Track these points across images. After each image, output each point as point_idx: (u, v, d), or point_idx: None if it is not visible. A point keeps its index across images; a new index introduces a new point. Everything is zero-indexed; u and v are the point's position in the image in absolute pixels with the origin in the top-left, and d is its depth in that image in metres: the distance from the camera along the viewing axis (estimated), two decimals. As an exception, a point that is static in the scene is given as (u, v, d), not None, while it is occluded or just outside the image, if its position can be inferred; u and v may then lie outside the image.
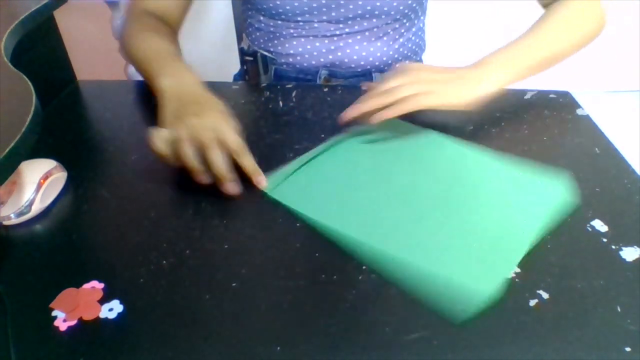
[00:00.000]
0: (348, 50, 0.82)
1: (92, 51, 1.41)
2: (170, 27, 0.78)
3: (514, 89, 0.74)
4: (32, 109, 0.46)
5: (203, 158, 0.54)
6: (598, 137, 0.65)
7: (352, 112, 0.63)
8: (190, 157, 0.53)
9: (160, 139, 0.55)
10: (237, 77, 1.02)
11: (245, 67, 0.91)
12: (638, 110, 1.97)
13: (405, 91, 0.61)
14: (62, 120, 0.73)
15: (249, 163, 0.56)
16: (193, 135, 0.54)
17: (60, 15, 0.77)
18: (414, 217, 0.52)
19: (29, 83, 0.50)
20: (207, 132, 0.54)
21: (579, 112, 0.70)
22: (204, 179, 0.54)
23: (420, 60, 0.94)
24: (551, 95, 0.74)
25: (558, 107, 0.71)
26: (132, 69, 1.39)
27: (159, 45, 0.71)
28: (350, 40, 0.82)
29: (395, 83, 0.62)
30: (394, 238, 0.50)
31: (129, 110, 0.75)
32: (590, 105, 0.75)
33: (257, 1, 0.81)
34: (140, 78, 0.86)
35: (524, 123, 0.68)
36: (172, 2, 0.79)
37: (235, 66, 1.00)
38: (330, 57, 0.83)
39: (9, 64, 0.54)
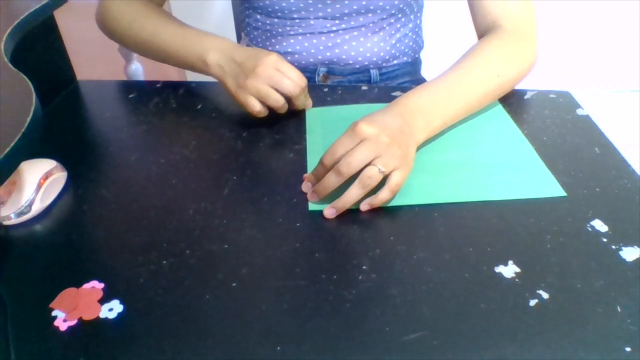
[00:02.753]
0: (345, 47, 0.83)
1: (92, 51, 1.40)
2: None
3: (514, 89, 0.74)
4: (32, 109, 0.46)
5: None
6: (598, 137, 0.65)
7: (316, 196, 0.55)
8: (283, 106, 0.67)
9: (255, 103, 0.65)
10: None
11: None
12: (638, 110, 1.97)
13: (377, 176, 0.51)
14: (62, 120, 0.73)
15: (298, 103, 0.68)
16: (276, 86, 0.64)
17: (60, 15, 0.77)
18: (453, 169, 0.60)
19: (29, 83, 0.50)
20: (288, 81, 0.64)
21: (579, 112, 0.70)
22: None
23: (419, 59, 0.94)
24: (551, 95, 0.74)
25: (558, 107, 0.71)
26: (132, 69, 1.39)
27: (174, 24, 0.72)
28: (347, 37, 0.82)
29: (357, 160, 0.51)
30: (460, 188, 0.57)
31: (129, 110, 0.75)
32: (590, 105, 0.74)
33: (253, 1, 0.81)
34: (140, 78, 0.86)
35: (524, 123, 0.68)
36: None
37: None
38: (328, 54, 0.83)
39: (9, 64, 0.54)
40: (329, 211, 0.53)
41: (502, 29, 0.70)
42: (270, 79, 0.64)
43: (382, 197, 0.52)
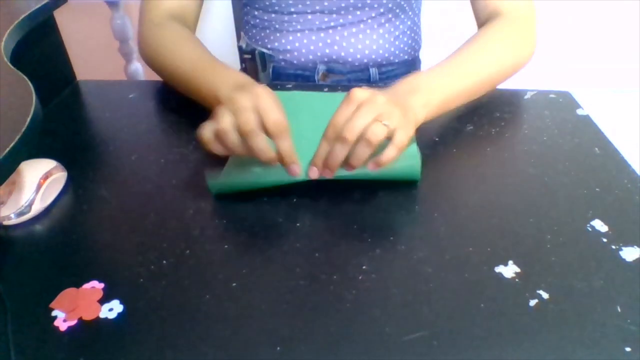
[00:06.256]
0: (344, 44, 0.83)
1: (92, 51, 1.41)
2: (189, 27, 0.78)
3: (514, 89, 0.74)
4: (32, 109, 0.46)
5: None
6: (598, 137, 0.65)
7: (324, 169, 0.53)
8: (236, 147, 0.51)
9: (206, 131, 0.52)
10: None
11: (244, 65, 0.92)
12: (638, 110, 1.97)
13: (382, 130, 0.51)
14: (62, 120, 0.73)
15: (284, 148, 0.51)
16: (236, 120, 0.51)
17: (60, 15, 0.77)
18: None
19: (29, 83, 0.50)
20: (248, 115, 0.50)
21: (579, 112, 0.70)
22: (273, 161, 0.52)
23: (418, 58, 0.94)
24: (551, 95, 0.74)
25: (558, 107, 0.71)
26: (132, 69, 1.39)
27: (197, 54, 0.69)
28: (345, 33, 0.83)
29: (359, 123, 0.51)
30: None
31: (129, 110, 0.75)
32: (590, 105, 0.75)
33: None
34: (140, 78, 0.86)
35: (524, 123, 0.68)
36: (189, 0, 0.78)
37: (235, 66, 1.00)
38: (327, 50, 0.84)
39: (9, 64, 0.54)
40: (346, 171, 0.53)
41: (502, 17, 0.72)
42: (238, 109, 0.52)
43: (388, 153, 0.52)
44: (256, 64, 0.88)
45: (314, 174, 0.53)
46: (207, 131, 0.52)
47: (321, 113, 0.64)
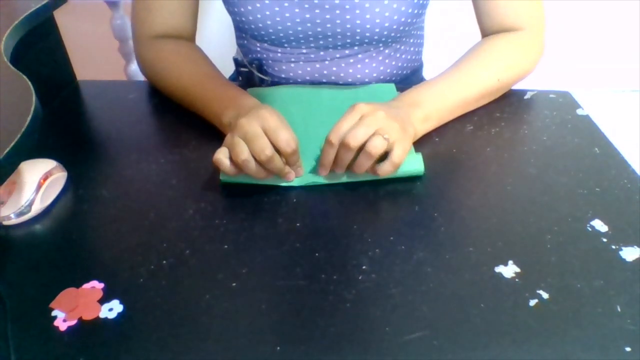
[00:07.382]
0: (342, 74, 0.79)
1: (92, 51, 1.41)
2: (188, 40, 0.77)
3: (514, 89, 0.74)
4: (32, 109, 0.46)
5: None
6: (598, 137, 0.65)
7: (326, 170, 0.57)
8: (258, 172, 0.54)
9: (224, 161, 0.54)
10: (232, 79, 1.01)
11: (240, 78, 0.89)
12: (638, 110, 1.97)
13: (382, 143, 0.54)
14: (62, 120, 0.73)
15: (294, 162, 0.56)
16: (250, 147, 0.53)
17: (60, 15, 0.77)
18: None
19: (29, 83, 0.50)
20: (262, 142, 0.53)
21: (578, 112, 0.70)
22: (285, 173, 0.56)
23: (420, 64, 0.92)
24: (551, 95, 0.74)
25: (558, 107, 0.71)
26: (132, 69, 1.39)
27: (196, 75, 0.70)
28: (342, 64, 0.78)
29: (361, 132, 0.54)
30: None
31: (129, 110, 0.75)
32: (590, 105, 0.75)
33: (242, 27, 0.78)
34: (140, 78, 0.86)
35: (524, 123, 0.68)
36: (181, 17, 0.76)
37: (232, 67, 0.99)
38: (324, 80, 0.80)
39: (9, 64, 0.54)
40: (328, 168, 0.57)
41: (510, 30, 0.71)
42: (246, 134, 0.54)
43: (384, 169, 0.55)
44: (253, 79, 0.84)
45: (324, 173, 0.58)
46: (225, 162, 0.54)
47: (309, 105, 0.71)
